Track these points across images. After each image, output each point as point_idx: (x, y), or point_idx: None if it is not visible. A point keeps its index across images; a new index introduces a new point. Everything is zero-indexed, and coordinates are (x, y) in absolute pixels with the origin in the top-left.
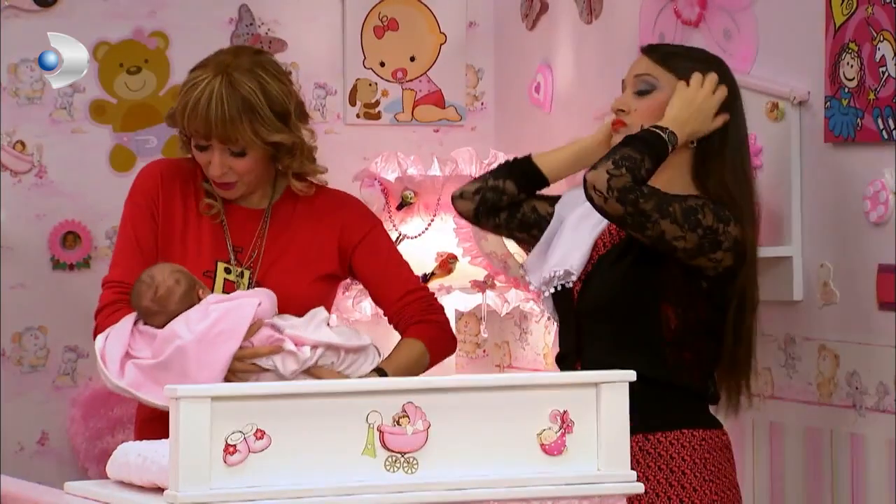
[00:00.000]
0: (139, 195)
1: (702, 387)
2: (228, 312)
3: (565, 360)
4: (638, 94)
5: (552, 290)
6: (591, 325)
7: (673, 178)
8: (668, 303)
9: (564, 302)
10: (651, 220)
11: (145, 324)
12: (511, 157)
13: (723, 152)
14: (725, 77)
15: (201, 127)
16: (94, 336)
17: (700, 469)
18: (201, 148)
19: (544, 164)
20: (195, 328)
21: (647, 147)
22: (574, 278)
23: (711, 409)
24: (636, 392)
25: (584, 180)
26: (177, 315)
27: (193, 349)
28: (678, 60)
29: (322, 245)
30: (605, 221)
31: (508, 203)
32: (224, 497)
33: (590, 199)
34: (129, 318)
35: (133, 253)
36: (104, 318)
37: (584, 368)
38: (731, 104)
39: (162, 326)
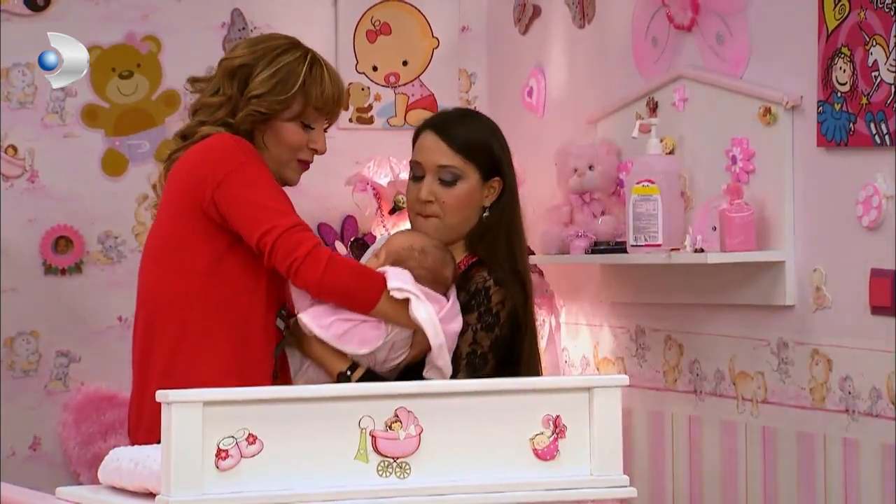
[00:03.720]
0: (260, 158)
1: None
2: None
3: None
4: (442, 182)
5: None
6: None
7: (455, 249)
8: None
9: None
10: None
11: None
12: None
13: (500, 221)
14: (502, 145)
15: (337, 105)
16: (316, 262)
17: None
18: (307, 127)
19: None
20: None
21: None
22: None
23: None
24: None
25: None
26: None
27: None
28: (474, 150)
29: None
30: None
31: None
32: (216, 502)
33: None
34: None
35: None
36: (331, 253)
37: None
38: (507, 170)
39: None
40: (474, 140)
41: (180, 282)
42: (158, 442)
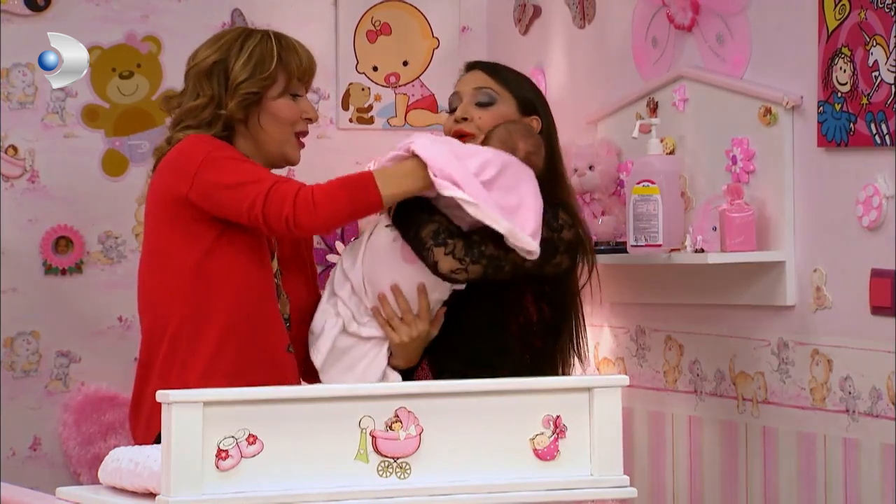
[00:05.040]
0: (225, 144)
1: None
2: None
3: None
4: (479, 105)
5: None
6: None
7: None
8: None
9: None
10: (508, 260)
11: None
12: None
13: (552, 164)
14: (540, 94)
15: (313, 70)
16: (307, 206)
17: None
18: (295, 97)
19: None
20: None
21: (420, 209)
22: None
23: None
24: None
25: (438, 274)
26: None
27: None
28: (510, 79)
29: None
30: None
31: None
32: (216, 502)
33: (453, 282)
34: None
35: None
36: (313, 188)
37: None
38: (544, 116)
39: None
40: (512, 72)
41: (173, 282)
42: (155, 440)
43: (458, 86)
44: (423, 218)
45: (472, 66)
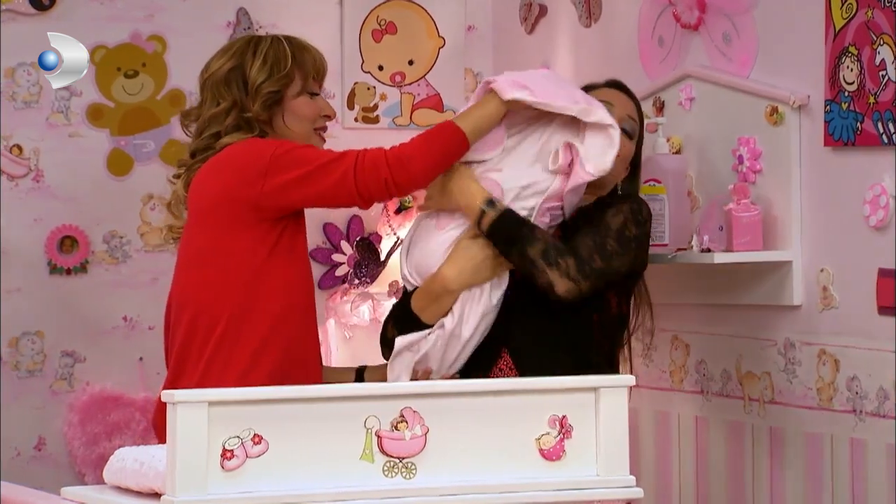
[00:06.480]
0: (290, 142)
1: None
2: None
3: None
4: (623, 131)
5: None
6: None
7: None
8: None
9: None
10: (613, 270)
11: None
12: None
13: (637, 171)
14: (639, 109)
15: (326, 67)
16: (400, 166)
17: None
18: (312, 96)
19: None
20: None
21: (520, 225)
22: None
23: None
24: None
25: (553, 296)
26: None
27: None
28: (642, 122)
29: None
30: None
31: None
32: (221, 502)
33: (564, 301)
34: None
35: None
36: (398, 150)
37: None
38: (639, 162)
39: None
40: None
41: (229, 280)
42: None
43: (612, 98)
44: (524, 233)
45: (622, 88)
